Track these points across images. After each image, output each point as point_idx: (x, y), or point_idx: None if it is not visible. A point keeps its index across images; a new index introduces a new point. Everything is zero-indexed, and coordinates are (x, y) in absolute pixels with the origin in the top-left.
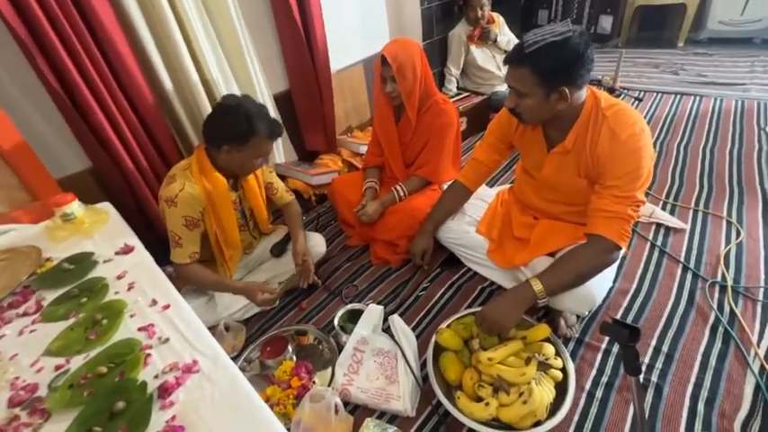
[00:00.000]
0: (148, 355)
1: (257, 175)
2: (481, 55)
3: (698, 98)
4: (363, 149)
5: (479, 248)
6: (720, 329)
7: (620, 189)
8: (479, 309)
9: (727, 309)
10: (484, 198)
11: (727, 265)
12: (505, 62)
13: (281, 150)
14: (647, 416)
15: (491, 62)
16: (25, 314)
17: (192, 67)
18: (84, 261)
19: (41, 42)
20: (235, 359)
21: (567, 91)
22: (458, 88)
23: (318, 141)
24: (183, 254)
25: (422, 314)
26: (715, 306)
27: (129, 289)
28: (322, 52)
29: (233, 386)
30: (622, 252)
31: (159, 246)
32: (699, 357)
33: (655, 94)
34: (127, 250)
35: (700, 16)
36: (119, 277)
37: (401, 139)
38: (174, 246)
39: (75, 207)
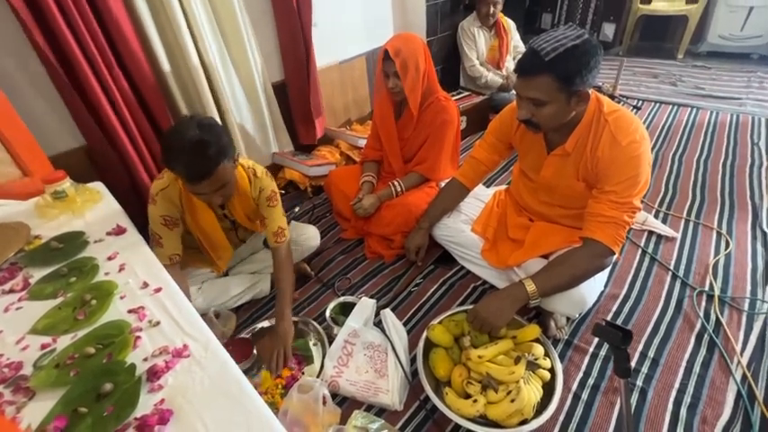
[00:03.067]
0: (138, 337)
1: (243, 204)
2: (486, 43)
3: (694, 110)
4: (362, 143)
5: (474, 247)
6: (706, 337)
7: (617, 195)
8: (471, 306)
9: (713, 317)
10: (480, 197)
11: (715, 275)
12: (521, 72)
13: (270, 140)
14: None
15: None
16: (12, 291)
17: (193, 49)
18: (74, 240)
19: (41, 15)
20: None
21: (587, 92)
22: (460, 87)
23: (310, 135)
24: (164, 255)
25: (414, 309)
26: (701, 314)
27: (119, 270)
28: (308, 42)
29: (223, 372)
30: (615, 257)
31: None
32: (683, 364)
33: (653, 103)
34: (119, 231)
35: (700, 29)
36: (109, 258)
37: (401, 134)
38: (155, 245)
39: (67, 185)
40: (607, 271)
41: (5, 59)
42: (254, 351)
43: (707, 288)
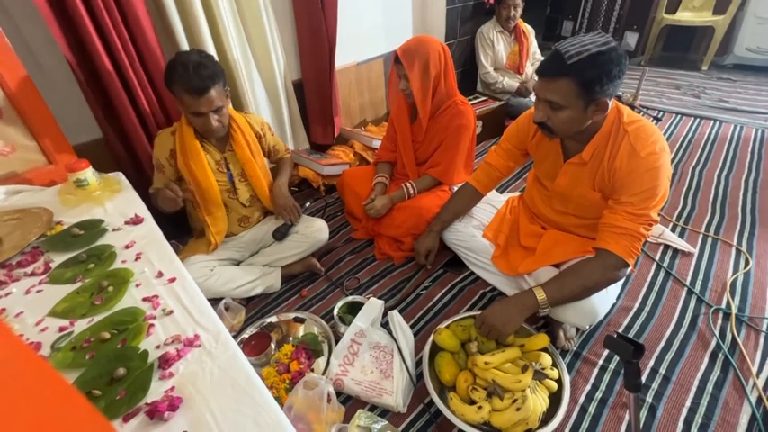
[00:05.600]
0: (151, 325)
1: (248, 140)
2: (506, 48)
3: (717, 123)
4: (376, 144)
5: (484, 253)
6: (720, 356)
7: (634, 206)
8: (479, 312)
9: (729, 336)
10: (493, 203)
11: (732, 293)
12: (542, 73)
13: (288, 137)
14: None
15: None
16: (33, 274)
17: (213, 47)
18: (93, 228)
19: (68, 12)
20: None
21: (606, 101)
22: (476, 92)
23: (325, 135)
24: (153, 185)
25: (421, 312)
26: (717, 333)
27: (136, 259)
28: (332, 43)
29: (232, 363)
30: (629, 269)
31: (168, 219)
32: (696, 382)
33: (674, 115)
34: (137, 221)
35: (727, 41)
36: (127, 247)
37: (415, 136)
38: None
39: (89, 174)
40: (620, 283)
41: (39, 51)
42: (272, 344)
43: (723, 306)
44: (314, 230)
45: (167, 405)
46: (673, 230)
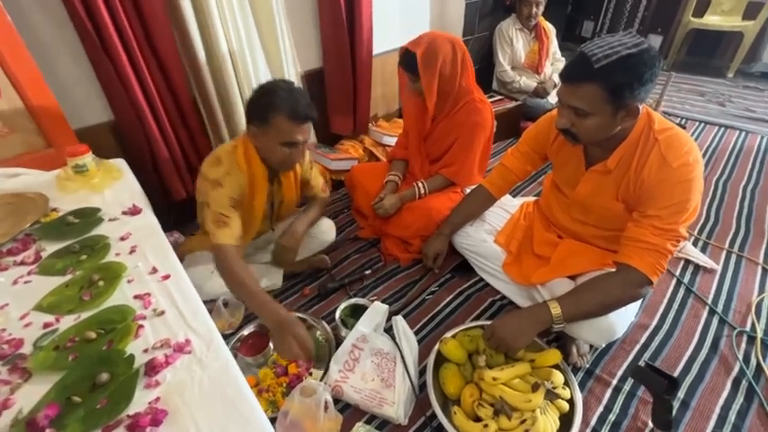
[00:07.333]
0: (141, 326)
1: (295, 172)
2: (525, 47)
3: (743, 133)
4: (387, 140)
5: (495, 259)
6: (744, 383)
7: (662, 220)
8: (488, 322)
9: (753, 362)
10: (506, 207)
11: (758, 315)
12: (566, 78)
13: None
14: None
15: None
16: (23, 263)
17: (223, 35)
18: (89, 216)
19: None
20: (229, 336)
21: (637, 107)
22: (492, 90)
23: (346, 125)
24: (232, 235)
25: (426, 319)
26: (740, 357)
27: (130, 252)
28: (366, 34)
29: (224, 374)
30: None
31: (169, 211)
32: (717, 410)
33: (697, 123)
34: (135, 211)
35: (756, 48)
36: (122, 238)
37: (427, 133)
38: (220, 226)
39: (89, 159)
40: (639, 300)
41: (42, 28)
42: (270, 345)
43: (748, 328)
44: (320, 231)
45: (150, 419)
46: (694, 245)
